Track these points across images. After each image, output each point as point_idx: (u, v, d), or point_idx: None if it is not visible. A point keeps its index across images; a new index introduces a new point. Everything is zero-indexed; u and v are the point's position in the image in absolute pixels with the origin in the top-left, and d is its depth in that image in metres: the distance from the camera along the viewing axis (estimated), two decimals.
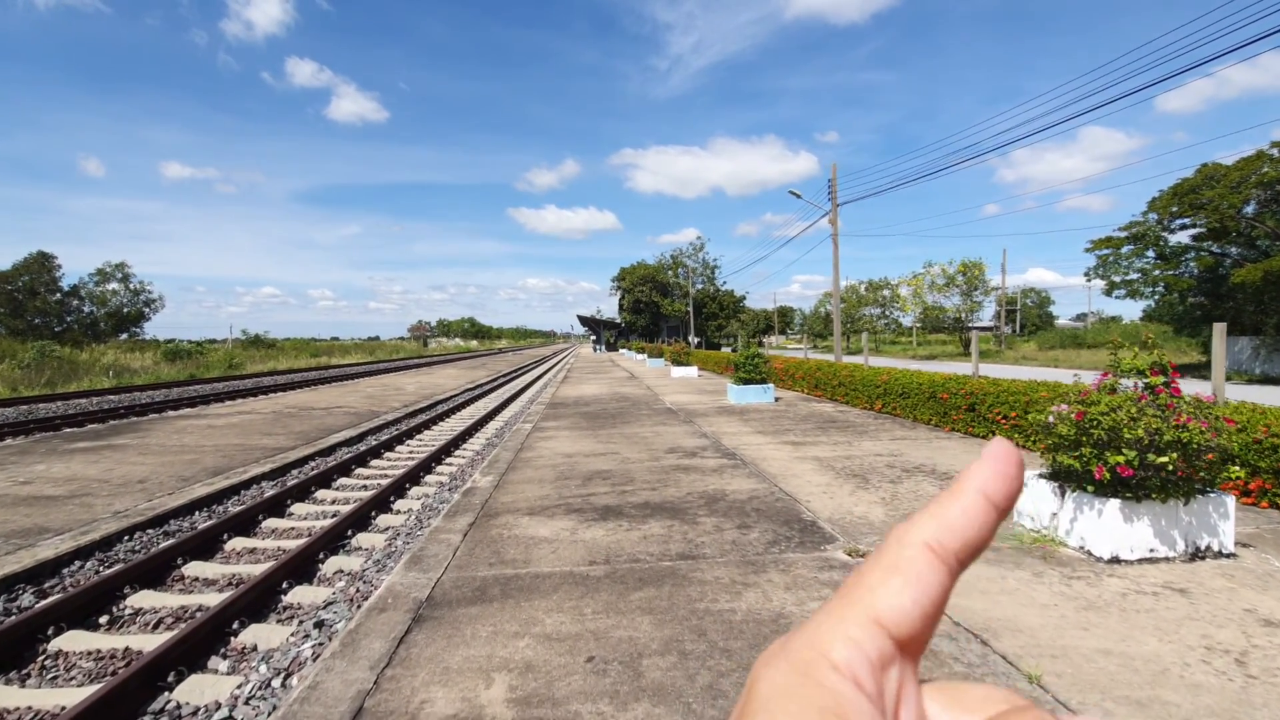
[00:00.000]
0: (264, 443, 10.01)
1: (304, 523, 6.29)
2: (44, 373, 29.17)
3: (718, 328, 70.71)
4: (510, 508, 5.69)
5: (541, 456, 8.12)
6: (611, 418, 11.75)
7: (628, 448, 8.60)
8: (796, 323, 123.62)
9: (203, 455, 8.96)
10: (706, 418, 11.49)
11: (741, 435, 9.39)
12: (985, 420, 8.63)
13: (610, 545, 4.60)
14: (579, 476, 6.90)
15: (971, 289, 50.22)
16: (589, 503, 5.80)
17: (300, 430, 11.32)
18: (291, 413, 13.83)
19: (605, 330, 74.31)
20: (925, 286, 52.18)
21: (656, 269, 70.13)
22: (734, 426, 10.29)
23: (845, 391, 13.13)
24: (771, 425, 10.31)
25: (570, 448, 8.69)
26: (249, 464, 8.37)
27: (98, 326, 77.28)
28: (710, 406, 13.25)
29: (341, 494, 7.40)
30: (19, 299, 74.21)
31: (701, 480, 6.55)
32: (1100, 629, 3.16)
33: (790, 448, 8.29)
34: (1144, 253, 28.33)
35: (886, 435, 9.12)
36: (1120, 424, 3.80)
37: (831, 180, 20.43)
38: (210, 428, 11.65)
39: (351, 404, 15.67)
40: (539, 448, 8.76)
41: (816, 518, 5.14)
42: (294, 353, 53.84)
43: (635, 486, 6.37)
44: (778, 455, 7.80)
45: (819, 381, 14.62)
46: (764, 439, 9.02)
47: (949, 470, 6.75)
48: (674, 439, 9.20)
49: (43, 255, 75.09)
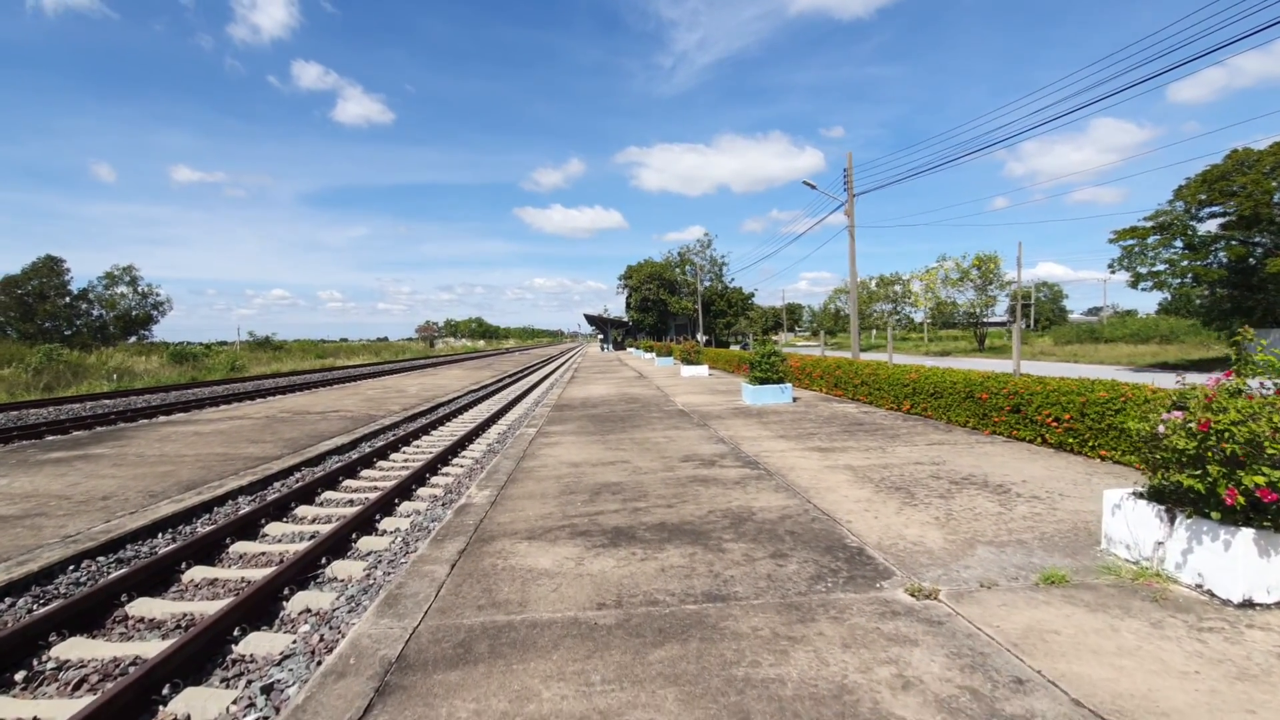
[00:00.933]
0: (249, 451, 9.35)
1: (277, 546, 5.60)
2: (42, 377, 28.78)
3: (726, 325, 69.85)
4: (507, 529, 4.97)
5: (545, 466, 7.41)
6: (620, 421, 11.04)
7: (639, 455, 7.87)
8: (805, 319, 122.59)
9: (181, 466, 8.30)
10: (722, 420, 10.74)
11: (762, 440, 8.64)
12: (1032, 423, 7.84)
13: (622, 580, 3.88)
14: (586, 490, 6.18)
15: (986, 283, 49.15)
16: (597, 523, 5.07)
17: (290, 437, 10.66)
18: (285, 418, 13.19)
19: (612, 329, 73.62)
20: (939, 281, 51.15)
21: (664, 266, 69.35)
22: (753, 430, 9.54)
23: (868, 391, 12.35)
24: (793, 429, 9.55)
25: (576, 455, 7.98)
26: (228, 476, 7.70)
27: (107, 330, 77.38)
28: (725, 408, 12.50)
29: (325, 510, 6.72)
30: (29, 303, 74.39)
31: (724, 495, 5.81)
32: (1273, 712, 2.40)
33: (818, 455, 7.53)
34: (1171, 243, 27.33)
35: (921, 440, 8.35)
36: (1261, 436, 3.04)
37: (847, 170, 19.60)
38: (197, 435, 11.00)
39: (349, 408, 15.02)
40: (543, 456, 8.06)
41: (863, 543, 4.39)
42: (301, 354, 53.46)
43: (649, 503, 5.64)
44: (806, 464, 7.05)
45: (839, 380, 13.84)
46: (787, 445, 8.27)
47: (1003, 482, 5.97)
48: (689, 445, 8.46)
49: (51, 259, 75.20)
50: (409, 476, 7.81)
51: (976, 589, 3.61)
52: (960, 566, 3.94)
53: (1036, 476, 6.16)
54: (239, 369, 33.38)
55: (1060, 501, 5.28)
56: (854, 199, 19.54)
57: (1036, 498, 5.41)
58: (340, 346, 73.67)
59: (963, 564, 3.98)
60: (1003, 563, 3.98)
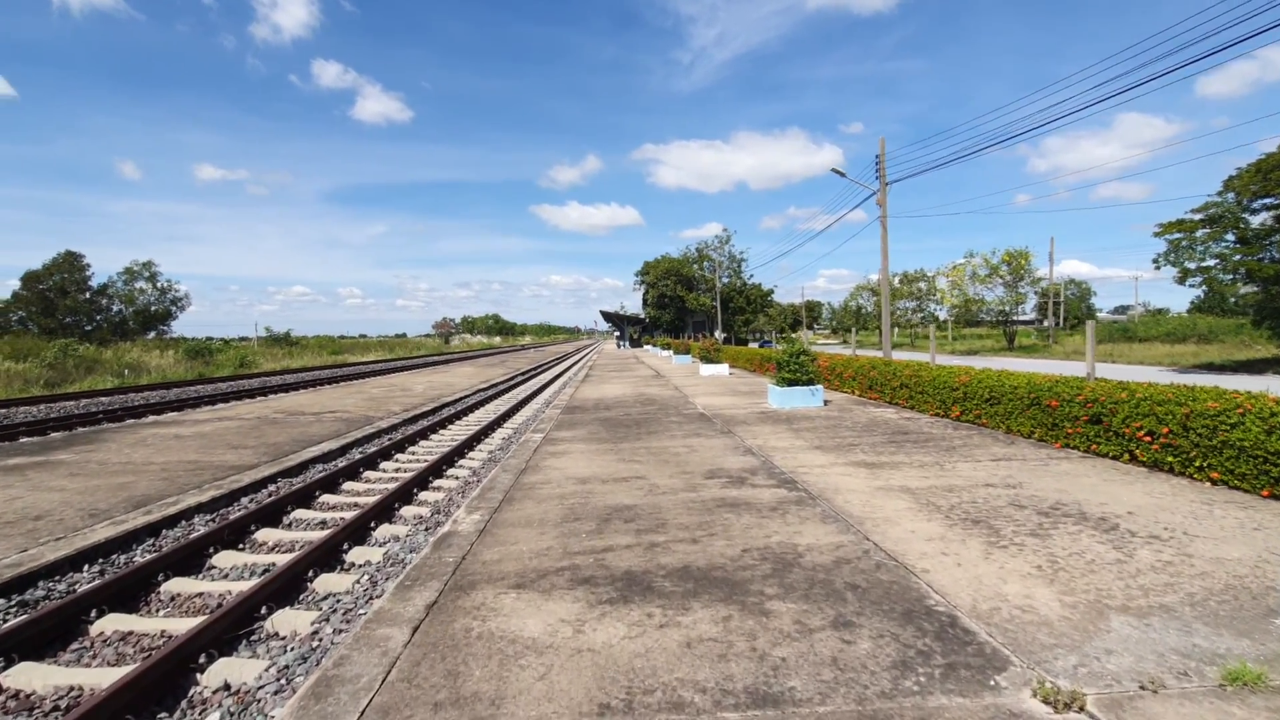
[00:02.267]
0: (225, 459, 8.47)
1: (218, 585, 4.66)
2: (52, 372, 28.45)
3: (744, 322, 68.54)
4: (493, 572, 3.98)
5: (549, 481, 6.42)
6: (635, 426, 10.03)
7: (656, 469, 6.86)
8: (825, 317, 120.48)
9: (142, 477, 7.43)
10: (748, 426, 9.69)
11: (797, 452, 7.58)
12: (1118, 437, 6.69)
13: (634, 663, 2.86)
14: (593, 515, 5.18)
15: (1017, 280, 47.33)
16: (604, 564, 4.07)
17: (275, 442, 9.78)
18: (277, 419, 12.34)
19: (629, 326, 72.64)
20: (966, 277, 49.37)
21: (681, 262, 68.18)
22: (784, 439, 8.48)
23: (909, 395, 11.21)
24: (830, 437, 8.48)
25: (585, 468, 6.99)
26: (190, 490, 6.81)
27: (126, 325, 78.04)
28: (750, 412, 11.44)
29: (289, 535, 5.78)
30: (50, 298, 75.16)
31: (759, 526, 4.78)
32: None
33: (865, 472, 6.46)
34: (1222, 236, 25.69)
35: (983, 454, 7.23)
36: None
37: (879, 156, 18.36)
38: (176, 438, 10.17)
39: (348, 408, 14.16)
40: (547, 468, 7.07)
41: (953, 608, 3.34)
42: (317, 350, 53.10)
43: (669, 535, 4.62)
44: (853, 484, 5.98)
45: (874, 382, 12.71)
46: (827, 458, 7.20)
47: (1105, 514, 4.87)
48: (713, 456, 7.43)
49: (72, 255, 75.88)
50: (395, 492, 6.86)
51: (1136, 693, 2.55)
52: (1098, 650, 2.87)
53: (1143, 506, 5.04)
54: (248, 365, 32.87)
55: (1191, 544, 4.17)
56: (886, 187, 18.31)
57: (1157, 538, 4.30)
58: (355, 343, 73.55)
59: (1100, 645, 2.92)
60: (1155, 645, 2.91)
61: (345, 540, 5.47)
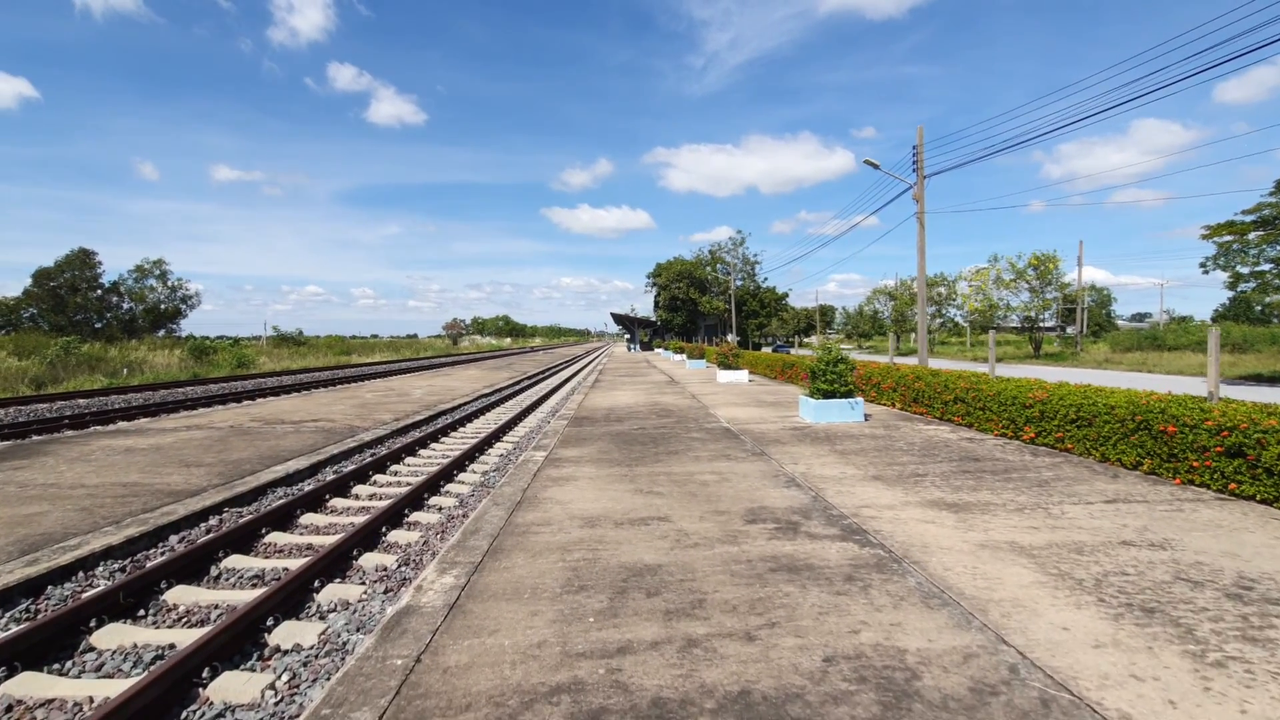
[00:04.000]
0: (170, 481, 7.19)
1: (84, 686, 3.34)
2: (40, 372, 27.49)
3: (758, 326, 67.03)
4: (455, 697, 2.65)
5: (548, 522, 5.09)
6: (652, 443, 8.68)
7: (681, 505, 5.50)
8: (838, 321, 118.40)
9: (59, 505, 6.16)
10: (783, 446, 8.31)
11: (852, 484, 6.20)
12: (1270, 475, 5.26)
13: None
14: (604, 581, 3.83)
15: (1044, 284, 45.48)
16: (622, 684, 2.72)
17: (237, 459, 8.50)
18: (252, 428, 11.09)
19: (640, 329, 71.34)
20: (990, 282, 47.57)
21: (694, 265, 66.79)
22: (831, 464, 7.10)
23: (966, 410, 9.77)
24: (886, 464, 7.08)
25: (594, 502, 5.64)
26: (106, 526, 5.52)
27: (136, 323, 77.68)
28: (781, 427, 10.05)
29: (207, 597, 4.46)
30: (61, 295, 74.94)
31: (837, 610, 3.41)
32: None
33: (951, 517, 5.06)
34: (1277, 239, 23.98)
35: (1088, 491, 5.81)
36: None
37: (917, 148, 16.90)
38: (127, 451, 8.92)
39: (334, 415, 12.89)
40: (547, 501, 5.74)
41: None
42: (325, 350, 52.20)
43: (711, 623, 3.27)
44: (941, 536, 4.59)
45: (920, 394, 11.27)
46: (893, 493, 5.81)
47: None
48: (750, 488, 6.06)
49: (84, 252, 75.65)
50: (358, 531, 5.54)
51: None
52: None
53: None
54: (246, 365, 31.80)
55: None
56: (924, 181, 16.84)
57: None
58: (363, 343, 72.72)
59: None
60: None
61: (275, 609, 4.14)
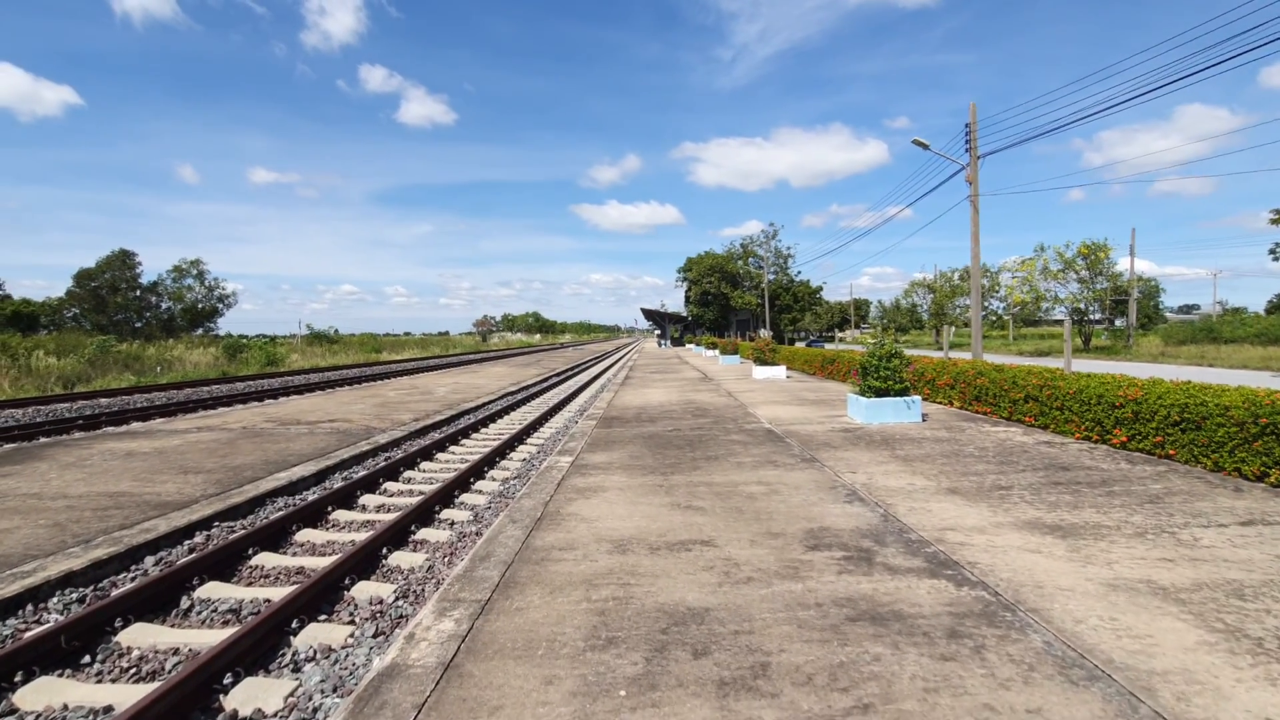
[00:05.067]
0: (162, 490, 6.62)
1: None
2: (78, 369, 27.79)
3: (791, 321, 65.55)
4: None
5: (572, 545, 4.32)
6: (689, 446, 7.86)
7: (727, 523, 4.69)
8: (873, 315, 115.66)
9: (31, 520, 5.60)
10: (835, 451, 7.42)
11: (925, 498, 5.30)
12: None
13: None
14: (638, 634, 3.04)
15: (1094, 275, 43.27)
16: None
17: (241, 464, 7.93)
18: (264, 430, 10.57)
19: (670, 324, 70.42)
20: (1036, 272, 45.46)
21: (725, 259, 65.57)
22: (895, 473, 6.19)
23: (1040, 410, 8.73)
24: (959, 473, 6.15)
25: (625, 519, 4.86)
26: (74, 546, 4.92)
27: (174, 322, 79.42)
28: (830, 429, 9.14)
29: (167, 639, 3.79)
30: (102, 295, 76.94)
31: (949, 685, 2.56)
32: None
33: (1060, 545, 4.14)
34: None
35: (1212, 509, 4.82)
36: None
37: (969, 126, 15.67)
38: (128, 456, 8.43)
39: (352, 415, 12.35)
40: (572, 518, 4.97)
41: None
42: (358, 348, 52.55)
43: (779, 705, 2.45)
44: (1057, 571, 3.69)
45: (983, 392, 10.23)
46: (978, 512, 4.90)
47: None
48: (805, 502, 5.21)
49: (124, 253, 77.54)
50: (352, 555, 4.85)
51: None
52: None
53: None
54: (276, 363, 31.83)
55: None
56: (978, 161, 15.62)
57: None
58: (393, 340, 73.25)
59: None
60: None
61: (241, 659, 3.45)
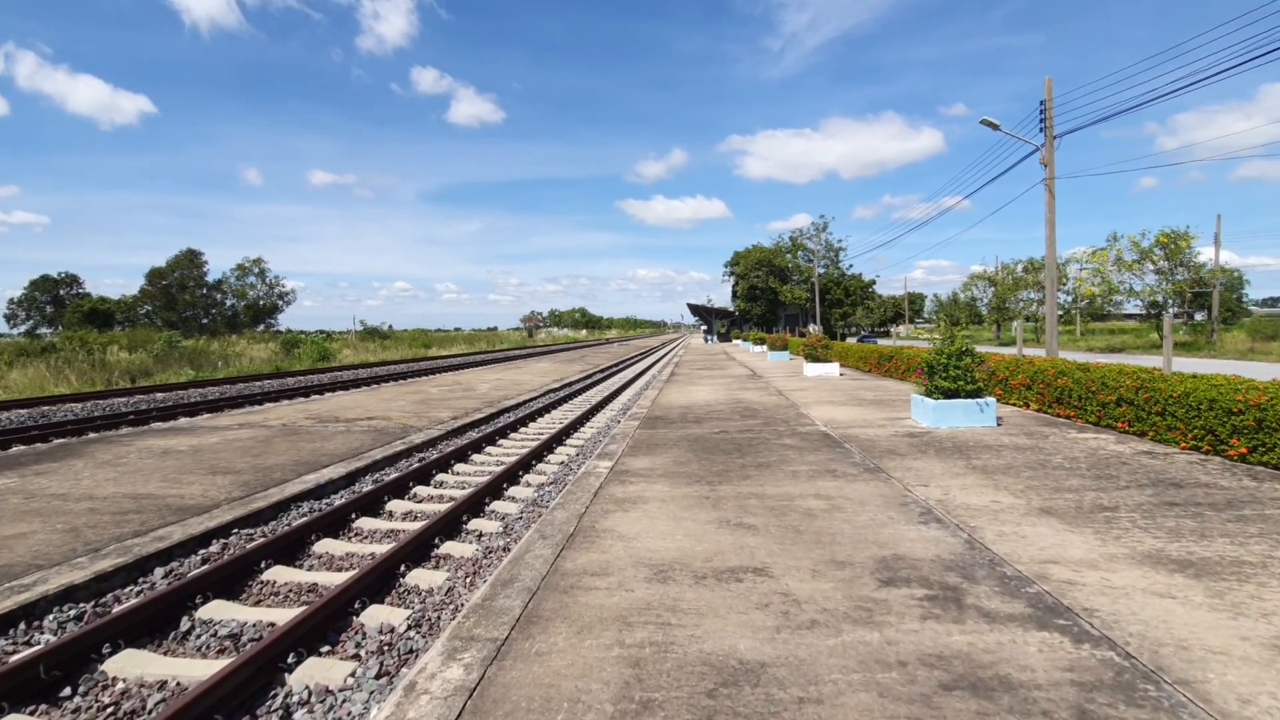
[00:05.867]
0: (188, 492, 6.39)
1: None
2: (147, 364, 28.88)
3: (842, 316, 63.67)
4: None
5: (606, 570, 3.79)
6: (737, 451, 7.24)
7: (783, 547, 4.07)
8: (928, 309, 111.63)
9: (50, 523, 5.40)
10: (902, 459, 6.68)
11: (1016, 520, 4.55)
12: None
13: None
14: (680, 699, 2.48)
15: (1174, 265, 40.32)
16: None
17: (272, 464, 7.70)
18: (303, 427, 10.42)
19: (717, 319, 69.44)
20: (1109, 263, 42.64)
21: (774, 252, 64.13)
22: (975, 488, 5.44)
23: (1135, 414, 7.76)
24: (1050, 488, 5.35)
25: (666, 540, 4.30)
26: (82, 556, 4.66)
27: (238, 318, 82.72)
28: (892, 433, 8.36)
29: (156, 670, 3.43)
30: (172, 292, 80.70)
31: None
32: None
33: (1194, 586, 3.38)
34: None
35: None
36: None
37: (1044, 103, 14.40)
38: (164, 454, 8.32)
39: (392, 412, 12.14)
40: (608, 535, 4.45)
41: None
42: (408, 343, 53.67)
43: None
44: (1196, 624, 2.95)
45: (1064, 393, 9.24)
46: (1082, 539, 4.14)
47: None
48: (873, 523, 4.54)
49: (192, 253, 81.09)
50: (367, 573, 4.44)
51: None
52: None
53: None
54: (327, 358, 32.46)
55: None
56: (1053, 141, 14.36)
57: None
58: (442, 336, 74.51)
59: None
60: None
61: (229, 700, 3.03)
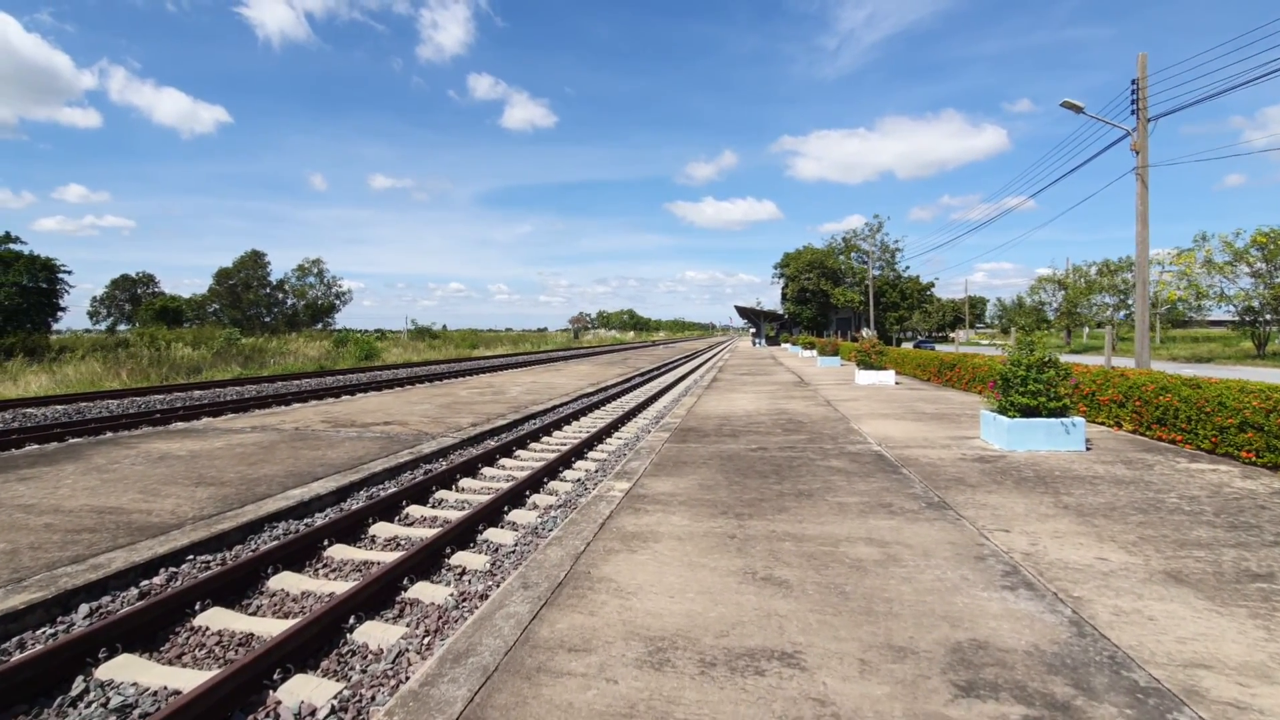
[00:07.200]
0: (159, 506, 5.81)
1: None
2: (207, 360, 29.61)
3: (898, 320, 61.11)
4: None
5: (588, 648, 2.91)
6: (775, 475, 6.23)
7: (823, 621, 3.10)
8: (990, 314, 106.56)
9: None
10: (973, 492, 5.55)
11: (1132, 586, 3.44)
12: None
13: None
14: None
15: (1273, 268, 36.68)
16: None
17: (261, 475, 7.10)
18: (315, 431, 9.89)
19: (766, 322, 67.71)
20: (1197, 265, 39.24)
21: (826, 254, 62.11)
22: (1071, 538, 4.30)
23: (1265, 442, 6.39)
24: (1171, 540, 4.18)
25: (673, 601, 3.39)
26: (2, 587, 4.04)
27: (298, 317, 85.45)
28: (959, 455, 7.19)
29: None
30: (237, 292, 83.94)
31: None
32: None
33: None
34: None
35: None
36: None
37: (1137, 82, 12.76)
38: (159, 459, 7.85)
39: (411, 417, 11.55)
40: (602, 588, 3.56)
41: None
42: (458, 343, 54.42)
43: None
44: None
45: (1168, 413, 7.84)
46: (1236, 625, 3.01)
47: None
48: (939, 584, 3.50)
49: (256, 253, 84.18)
50: (309, 625, 3.66)
51: None
52: None
53: None
54: (372, 356, 32.66)
55: None
56: (1146, 125, 12.68)
57: None
58: (490, 336, 75.19)
59: None
60: None
61: None
